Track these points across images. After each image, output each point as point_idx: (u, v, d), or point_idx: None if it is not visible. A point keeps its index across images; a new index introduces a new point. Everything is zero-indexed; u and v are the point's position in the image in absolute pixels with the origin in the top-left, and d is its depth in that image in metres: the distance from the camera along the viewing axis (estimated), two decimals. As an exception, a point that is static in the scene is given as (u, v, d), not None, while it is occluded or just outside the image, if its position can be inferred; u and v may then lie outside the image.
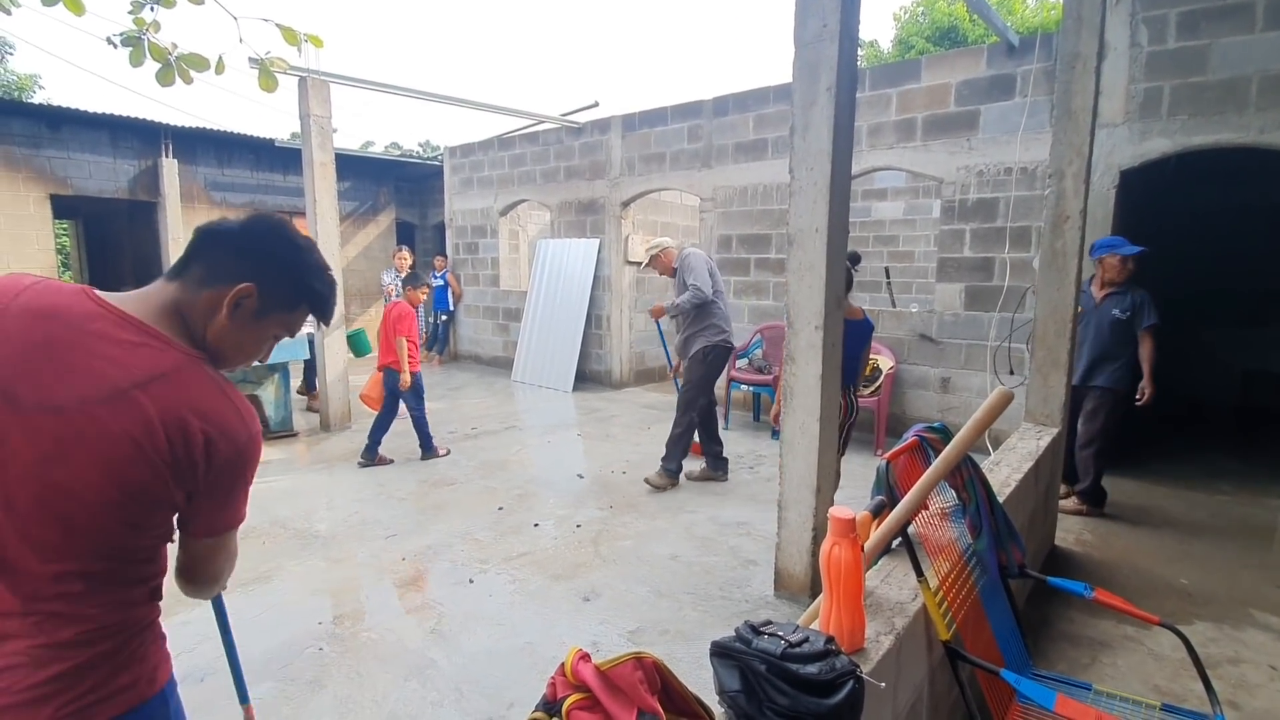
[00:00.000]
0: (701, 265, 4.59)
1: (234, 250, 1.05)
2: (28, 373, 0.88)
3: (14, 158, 8.22)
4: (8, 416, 0.88)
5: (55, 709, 0.91)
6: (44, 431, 0.88)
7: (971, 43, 14.46)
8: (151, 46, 2.60)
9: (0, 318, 0.89)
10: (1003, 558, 1.90)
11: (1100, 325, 4.08)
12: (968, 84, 5.34)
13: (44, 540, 0.90)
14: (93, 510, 0.91)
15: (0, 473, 0.88)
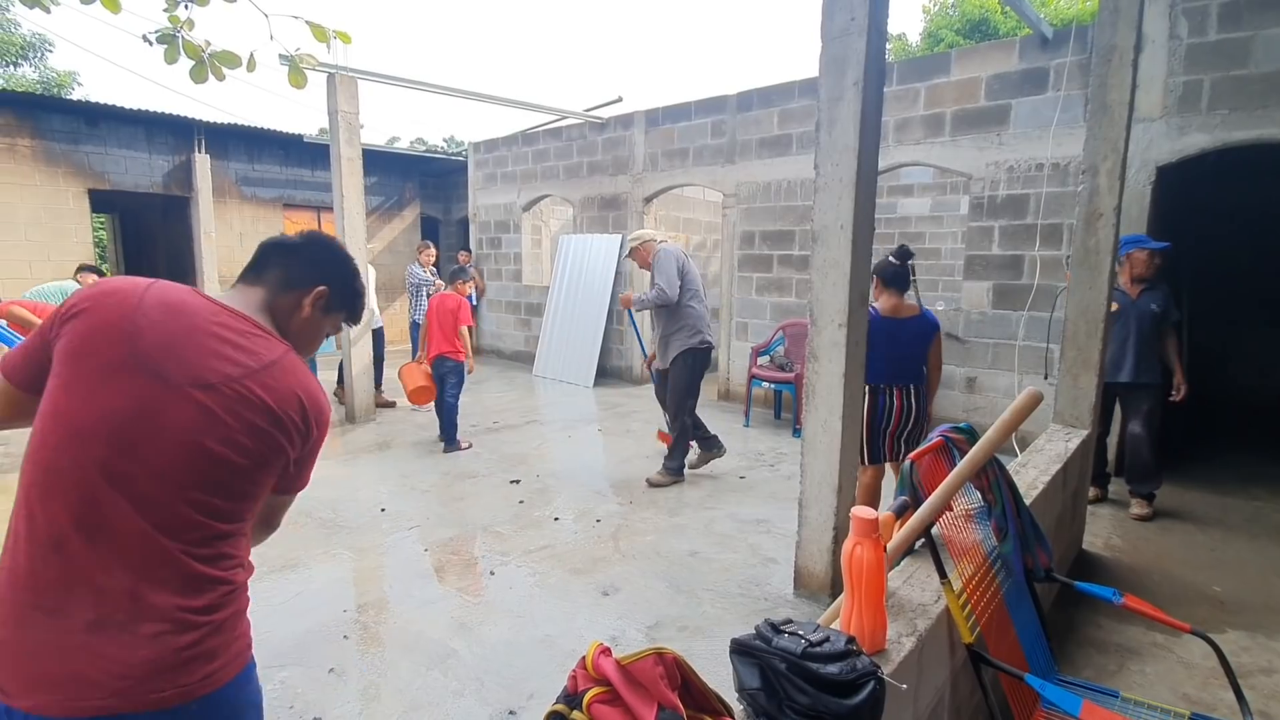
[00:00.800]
0: (671, 264, 4.46)
1: (307, 259, 1.24)
2: (174, 355, 1.02)
3: (54, 153, 8.45)
4: (161, 392, 1.00)
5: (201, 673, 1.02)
6: (195, 405, 1.01)
7: (1003, 35, 14.17)
8: (186, 44, 2.64)
9: (137, 310, 1.02)
10: (1029, 561, 1.87)
11: (1141, 321, 4.05)
12: (999, 78, 5.23)
13: (196, 504, 1.02)
14: (233, 473, 1.05)
15: (155, 442, 0.99)
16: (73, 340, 1.01)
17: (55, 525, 0.97)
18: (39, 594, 0.97)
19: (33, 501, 0.99)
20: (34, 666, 0.96)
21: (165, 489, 1.00)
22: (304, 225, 10.89)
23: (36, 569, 0.97)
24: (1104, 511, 4.24)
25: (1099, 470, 4.31)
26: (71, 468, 0.98)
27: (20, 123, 8.21)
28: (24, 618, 0.97)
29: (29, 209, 8.28)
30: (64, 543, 0.97)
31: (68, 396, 0.99)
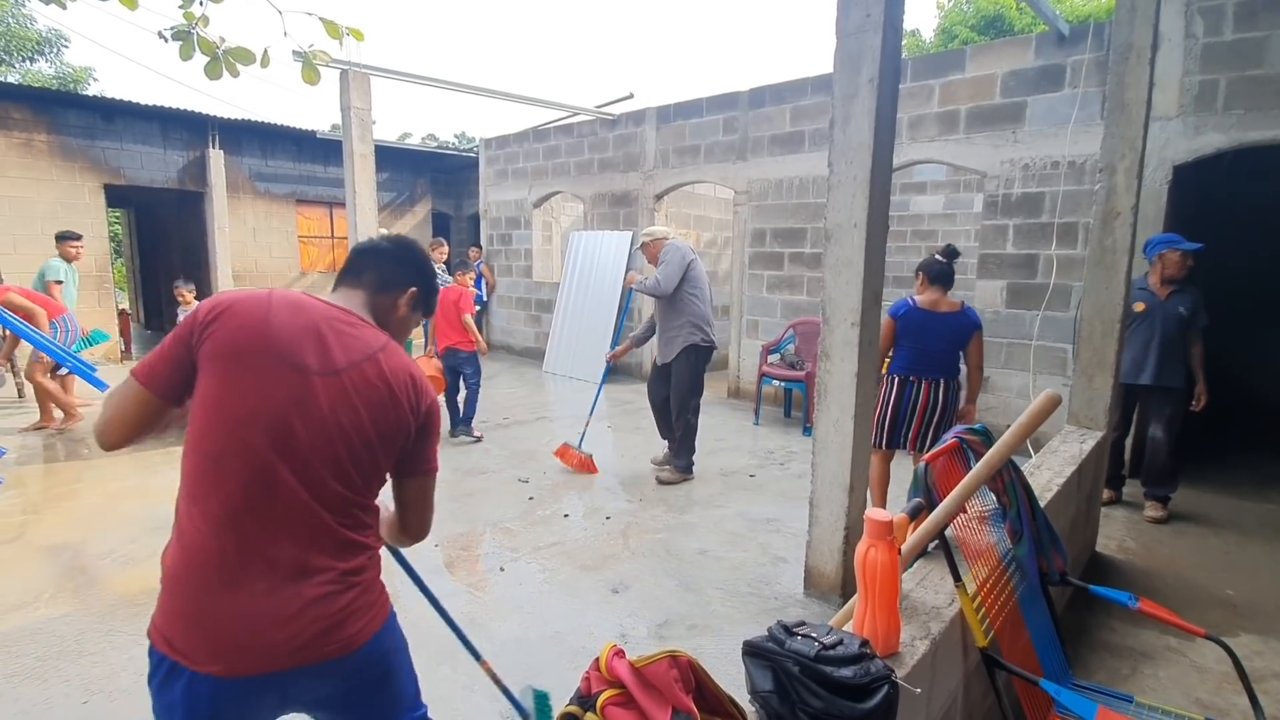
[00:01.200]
0: (676, 260, 4.47)
1: (398, 264, 1.38)
2: (306, 348, 1.16)
3: (70, 148, 8.54)
4: (301, 381, 1.14)
5: (357, 627, 1.19)
6: (330, 388, 1.16)
7: (1019, 32, 14.02)
8: (200, 40, 2.66)
9: (269, 312, 1.16)
10: (1043, 564, 1.85)
11: (1167, 322, 3.98)
12: (1014, 75, 5.18)
13: (341, 476, 1.18)
14: (365, 446, 1.20)
15: (303, 425, 1.14)
16: (220, 343, 1.13)
17: (228, 506, 1.10)
18: (218, 570, 1.10)
19: (204, 487, 1.12)
20: (218, 635, 1.09)
21: (316, 466, 1.15)
22: (317, 220, 10.96)
23: (212, 546, 1.10)
24: (1118, 514, 4.21)
25: (1114, 472, 4.27)
26: (238, 454, 1.11)
27: (37, 118, 8.30)
28: (205, 592, 1.10)
29: (46, 203, 8.37)
30: (237, 521, 1.10)
31: (225, 392, 1.12)
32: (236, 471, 1.11)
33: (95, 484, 4.43)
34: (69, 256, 6.11)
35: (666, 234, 4.74)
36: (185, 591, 1.12)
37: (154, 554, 3.50)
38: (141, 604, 2.93)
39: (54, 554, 3.41)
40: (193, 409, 1.15)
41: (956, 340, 3.59)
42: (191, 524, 1.12)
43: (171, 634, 1.11)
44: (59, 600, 2.96)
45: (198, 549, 1.11)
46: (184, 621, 1.11)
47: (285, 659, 1.12)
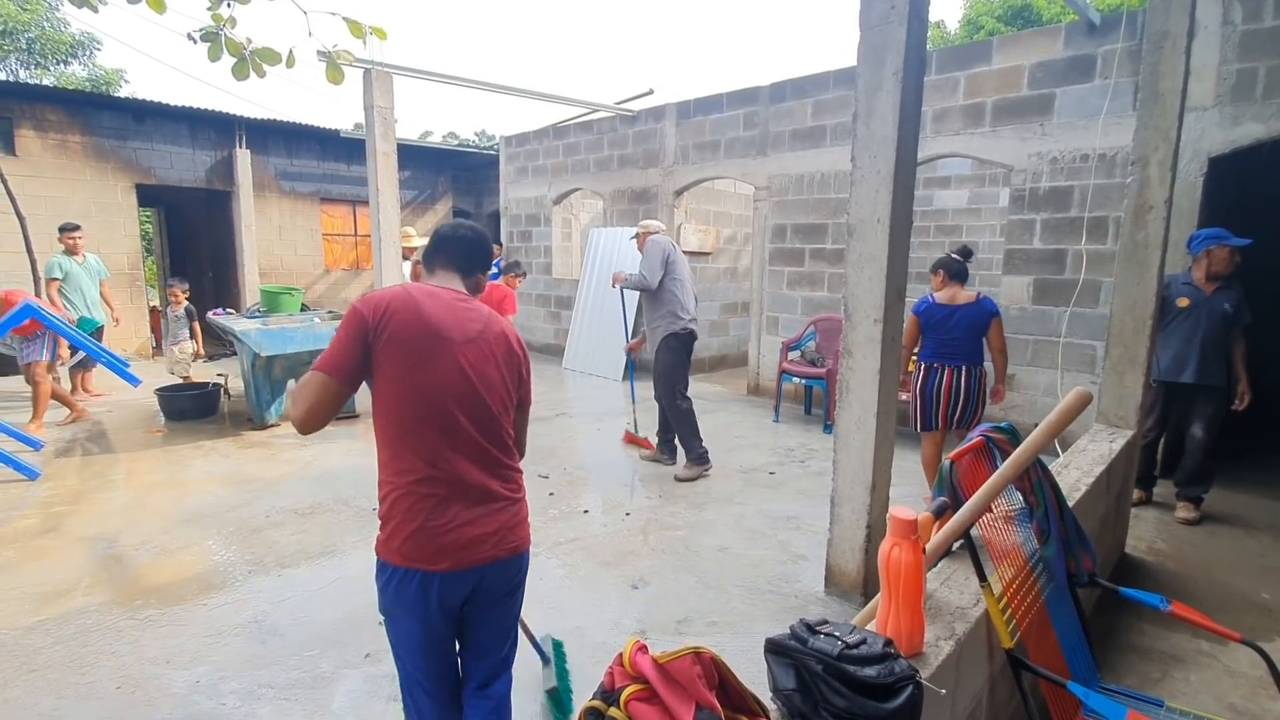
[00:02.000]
0: (657, 253, 4.63)
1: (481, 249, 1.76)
2: (451, 326, 1.55)
3: (103, 149, 8.74)
4: (457, 350, 1.54)
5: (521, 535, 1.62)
6: (473, 352, 1.56)
7: (1047, 22, 13.73)
8: (228, 42, 2.70)
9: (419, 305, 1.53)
10: (1071, 565, 1.82)
11: (1212, 319, 3.87)
12: (1043, 65, 5.07)
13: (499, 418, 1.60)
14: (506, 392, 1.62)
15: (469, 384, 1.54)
16: (394, 335, 1.49)
17: (432, 450, 1.51)
18: (432, 498, 1.50)
19: (410, 440, 1.51)
20: (442, 543, 1.49)
21: (484, 413, 1.57)
22: (340, 219, 11.09)
23: (424, 480, 1.50)
24: (1148, 514, 4.12)
25: (1145, 472, 4.18)
26: (432, 413, 1.51)
27: (71, 120, 8.50)
28: (427, 515, 1.50)
29: (80, 203, 8.58)
30: (439, 460, 1.51)
31: (409, 370, 1.50)
32: (433, 427, 1.51)
33: (128, 477, 4.54)
34: (69, 249, 6.24)
35: (655, 227, 4.88)
36: (412, 517, 1.50)
37: (185, 545, 3.59)
38: (174, 593, 3.00)
39: (90, 544, 3.50)
40: (382, 386, 1.52)
41: (977, 328, 3.95)
42: (405, 469, 1.52)
43: (406, 549, 1.50)
44: (96, 590, 3.04)
45: (414, 486, 1.51)
46: (415, 537, 1.49)
47: (483, 556, 1.54)
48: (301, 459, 4.92)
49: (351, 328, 1.49)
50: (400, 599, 1.52)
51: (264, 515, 3.88)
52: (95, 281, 6.50)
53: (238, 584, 3.10)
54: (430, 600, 1.51)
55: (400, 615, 1.54)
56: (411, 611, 1.52)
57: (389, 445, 1.55)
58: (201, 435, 5.48)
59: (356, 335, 1.49)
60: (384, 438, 1.55)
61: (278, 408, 5.73)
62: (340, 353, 1.49)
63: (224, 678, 2.42)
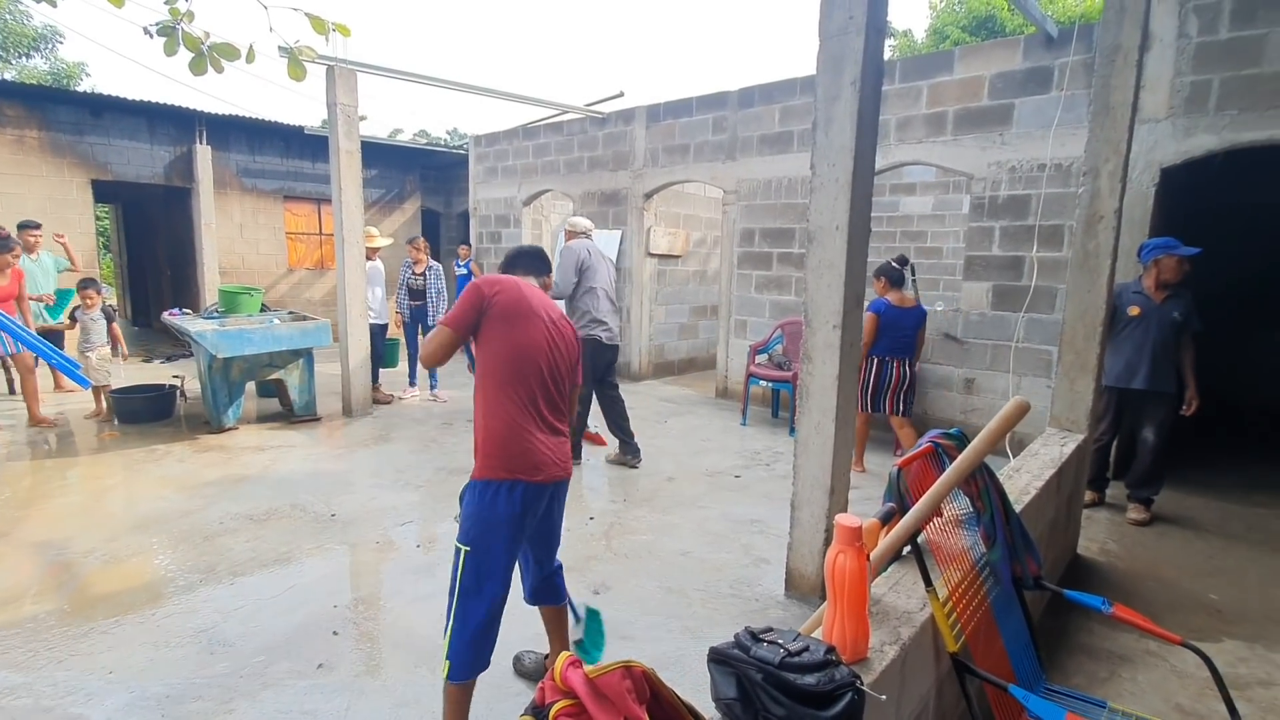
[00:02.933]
0: (569, 261, 4.73)
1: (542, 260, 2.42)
2: (540, 308, 2.11)
3: (59, 144, 8.46)
4: (545, 326, 2.09)
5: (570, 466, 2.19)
6: (554, 330, 2.13)
7: (1010, 33, 14.06)
8: (185, 36, 2.62)
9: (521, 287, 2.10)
10: (1017, 569, 1.85)
11: (1162, 327, 3.97)
12: (1003, 76, 5.19)
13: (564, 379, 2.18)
14: (571, 361, 2.21)
15: (552, 349, 2.10)
16: (503, 307, 2.03)
17: (528, 397, 2.05)
18: (527, 429, 2.04)
19: (512, 387, 2.03)
20: (535, 461, 2.03)
21: (557, 373, 2.13)
22: (305, 217, 10.88)
23: (523, 416, 2.04)
24: (1100, 516, 4.22)
25: (1097, 474, 4.28)
26: (529, 368, 2.05)
27: (29, 114, 8.22)
28: (524, 440, 2.03)
29: (36, 199, 8.29)
30: (534, 402, 2.06)
31: (514, 334, 2.03)
32: (529, 378, 2.05)
33: (79, 481, 4.38)
34: (27, 247, 6.12)
35: (583, 229, 5.01)
36: (513, 442, 2.01)
37: (135, 552, 3.49)
38: (122, 602, 2.90)
39: (39, 551, 3.37)
40: (491, 344, 2.03)
41: (917, 328, 4.81)
42: (508, 407, 2.02)
43: (510, 465, 2.00)
44: (43, 598, 2.93)
45: (514, 419, 2.02)
46: (517, 456, 2.01)
47: (556, 473, 2.10)
48: (259, 463, 4.81)
49: (472, 298, 2.02)
50: (499, 505, 1.99)
51: (218, 521, 3.78)
52: (51, 277, 6.39)
53: (188, 592, 3.01)
54: (526, 502, 2.03)
55: (497, 520, 1.99)
56: (509, 513, 2.00)
57: (494, 390, 2.03)
58: (156, 438, 5.32)
59: (474, 304, 2.02)
60: (490, 384, 2.04)
61: (235, 410, 5.59)
62: (461, 315, 2.02)
63: (168, 689, 2.34)
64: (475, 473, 2.03)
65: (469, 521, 2.01)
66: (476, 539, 1.99)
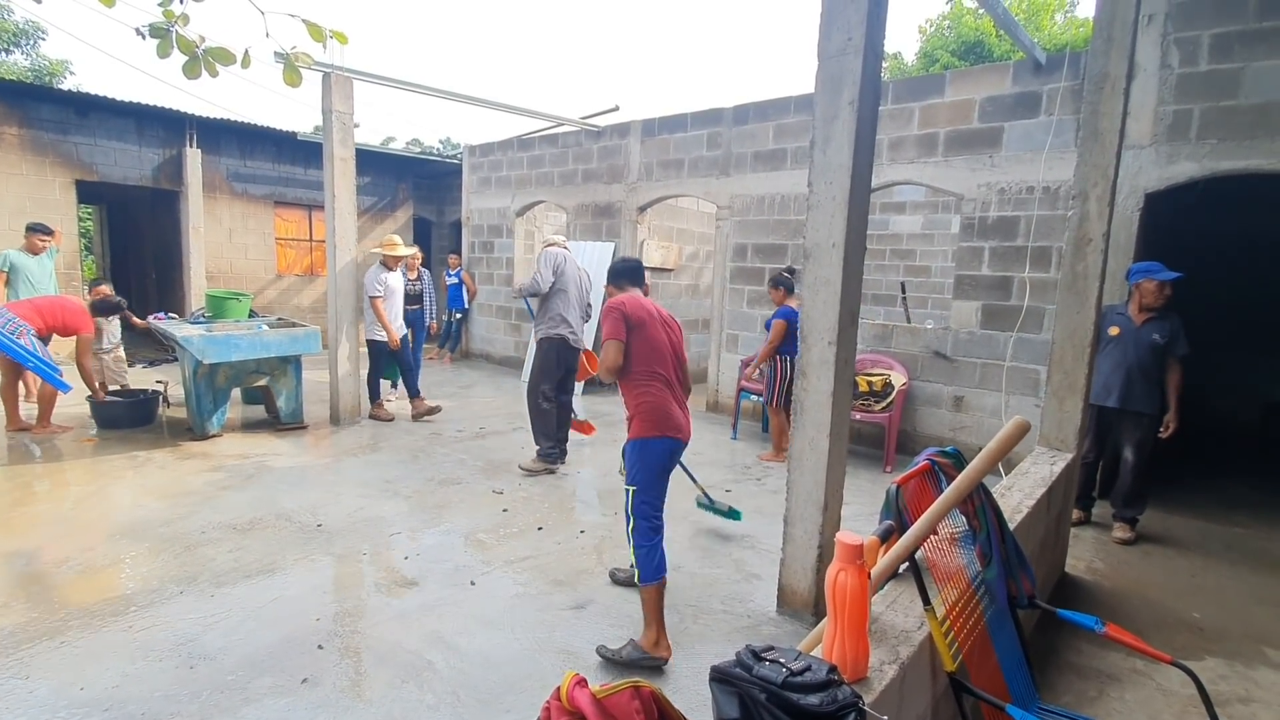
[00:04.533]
0: (547, 262, 4.99)
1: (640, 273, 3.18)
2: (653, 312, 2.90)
3: (42, 142, 8.35)
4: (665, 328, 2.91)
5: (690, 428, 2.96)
6: (669, 329, 2.94)
7: (998, 59, 14.34)
8: (179, 39, 2.60)
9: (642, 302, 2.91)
10: (1012, 587, 1.86)
11: (1140, 349, 4.04)
12: (992, 100, 5.29)
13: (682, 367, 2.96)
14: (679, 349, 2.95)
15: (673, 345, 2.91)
16: (636, 317, 2.80)
17: (668, 377, 2.82)
18: (672, 404, 2.79)
19: (657, 375, 2.79)
20: (674, 423, 2.77)
21: (675, 359, 2.90)
22: (295, 223, 10.81)
23: (667, 393, 2.80)
24: (1086, 534, 4.26)
25: (1083, 492, 4.33)
26: (659, 357, 2.81)
27: (10, 111, 8.11)
28: (671, 410, 2.78)
29: (14, 198, 8.16)
30: (672, 385, 2.83)
31: (648, 337, 2.80)
32: (664, 367, 2.82)
33: (54, 488, 4.29)
34: (33, 249, 6.02)
35: (561, 241, 5.28)
36: (667, 412, 2.76)
37: (112, 562, 3.42)
38: (97, 614, 2.83)
39: (8, 561, 3.29)
40: (636, 346, 2.78)
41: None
42: (653, 388, 2.77)
43: (662, 427, 2.74)
44: (11, 610, 2.84)
45: (662, 397, 2.77)
46: (665, 421, 2.75)
47: (688, 433, 2.85)
48: (243, 471, 4.73)
49: (618, 316, 2.79)
50: (655, 456, 2.75)
51: (200, 531, 3.71)
52: (47, 272, 6.29)
53: (167, 604, 2.95)
54: (672, 453, 2.81)
55: (653, 467, 2.75)
56: (662, 462, 2.77)
57: (642, 378, 2.78)
58: (137, 445, 5.23)
59: (621, 319, 2.78)
60: (638, 373, 2.78)
61: (220, 417, 5.51)
62: (619, 329, 2.77)
63: (144, 705, 2.28)
64: (633, 434, 2.79)
65: (635, 469, 2.75)
66: (641, 479, 2.74)
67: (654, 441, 2.73)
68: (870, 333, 5.96)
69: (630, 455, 2.77)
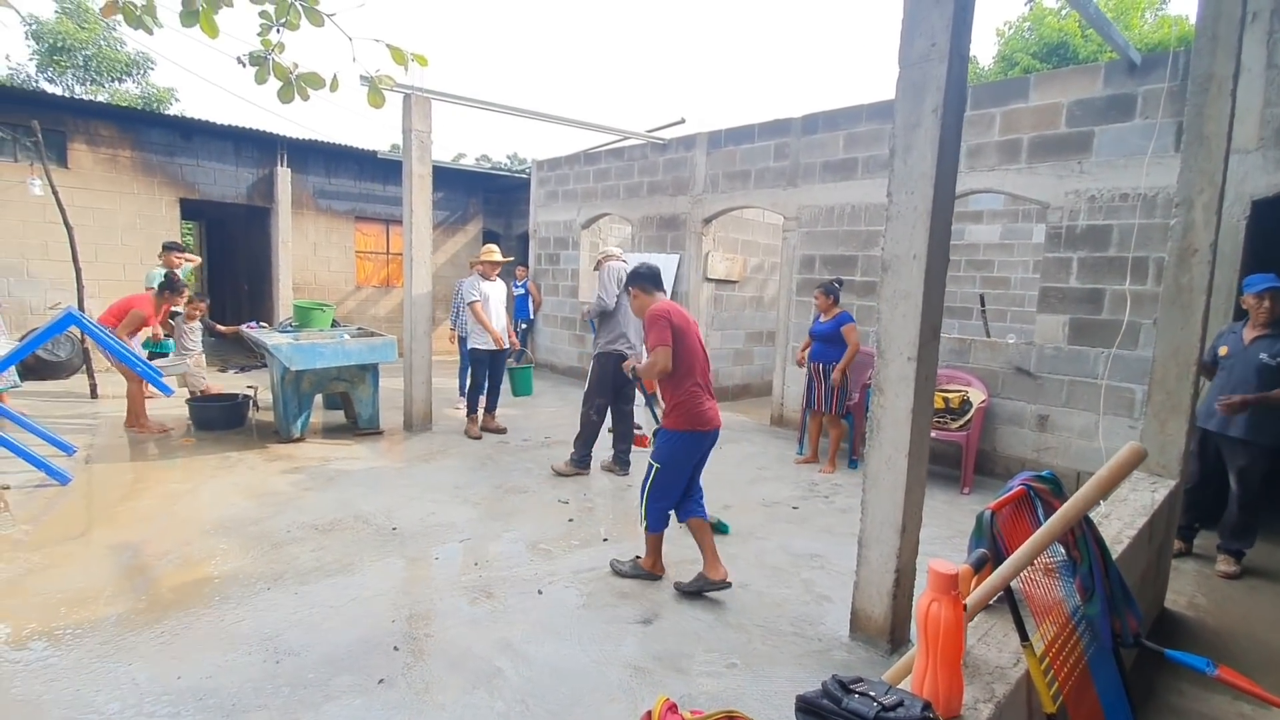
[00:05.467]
0: (613, 277, 5.25)
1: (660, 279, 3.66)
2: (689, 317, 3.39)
3: (151, 164, 9.04)
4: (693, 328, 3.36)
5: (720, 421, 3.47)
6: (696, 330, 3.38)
7: (1083, 60, 13.65)
8: (275, 66, 2.77)
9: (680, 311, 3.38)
10: (1116, 625, 1.73)
11: (1245, 370, 3.71)
12: (1081, 104, 5.02)
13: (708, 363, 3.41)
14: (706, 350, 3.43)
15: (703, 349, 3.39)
16: (677, 323, 3.27)
17: (702, 381, 3.31)
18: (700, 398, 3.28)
19: (694, 376, 3.26)
20: (705, 417, 3.28)
21: (706, 359, 3.38)
22: (374, 237, 11.30)
23: (701, 392, 3.29)
24: (1187, 566, 3.95)
25: (1185, 522, 4.01)
26: (697, 359, 3.30)
27: (122, 135, 8.83)
28: (698, 405, 3.26)
29: (126, 215, 8.87)
30: (706, 385, 3.33)
31: (685, 338, 3.27)
32: (700, 370, 3.29)
33: (154, 485, 4.60)
34: (170, 266, 6.64)
35: (615, 252, 5.60)
36: (702, 410, 3.25)
37: (207, 557, 3.61)
38: (192, 606, 3.00)
39: (115, 553, 3.54)
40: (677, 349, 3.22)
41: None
42: (689, 387, 3.24)
43: (692, 421, 3.24)
44: (117, 599, 3.06)
45: (693, 392, 3.25)
46: (697, 416, 3.24)
47: (717, 424, 3.33)
48: (324, 474, 4.95)
49: (666, 324, 3.23)
50: (683, 447, 3.27)
51: (285, 530, 3.89)
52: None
53: (255, 599, 3.10)
54: (700, 446, 3.33)
55: (681, 456, 3.28)
56: (689, 452, 3.30)
57: (681, 377, 3.24)
58: (229, 446, 5.55)
59: (669, 327, 3.23)
60: (679, 376, 3.24)
61: (304, 421, 5.79)
62: (665, 334, 3.21)
63: (235, 697, 2.40)
64: (669, 425, 3.30)
65: (664, 452, 3.29)
66: (666, 460, 3.28)
67: (685, 434, 3.27)
68: (947, 347, 5.73)
69: (662, 439, 3.34)
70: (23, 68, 16.95)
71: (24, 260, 8.23)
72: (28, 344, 4.84)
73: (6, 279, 8.07)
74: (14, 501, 3.98)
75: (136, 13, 2.67)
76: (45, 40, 16.06)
